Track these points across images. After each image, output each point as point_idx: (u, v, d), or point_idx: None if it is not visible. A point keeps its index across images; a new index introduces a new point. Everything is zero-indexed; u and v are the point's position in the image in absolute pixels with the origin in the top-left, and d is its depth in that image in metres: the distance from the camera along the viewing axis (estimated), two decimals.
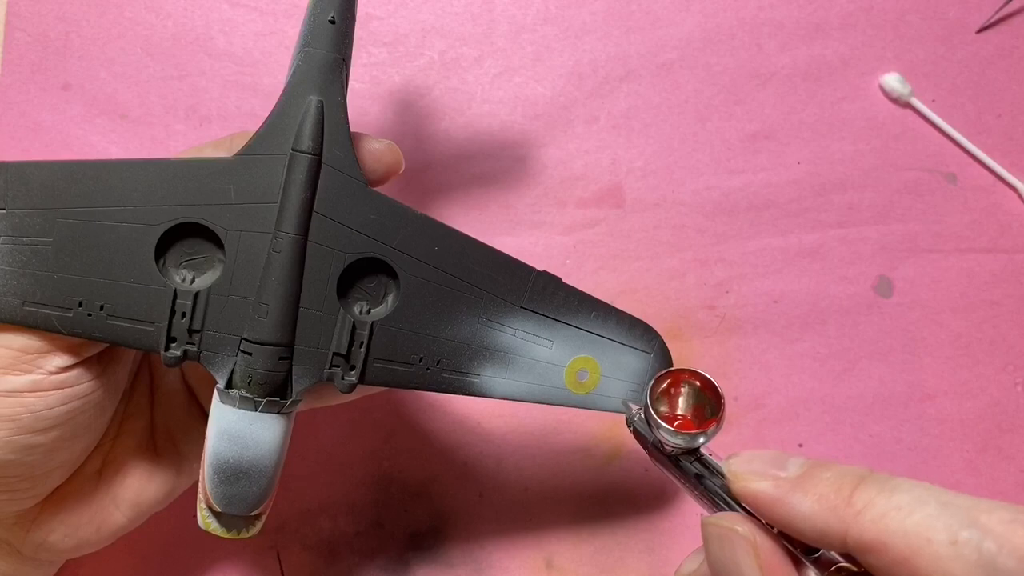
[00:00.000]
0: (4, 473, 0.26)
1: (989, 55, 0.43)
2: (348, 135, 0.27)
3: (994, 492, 0.40)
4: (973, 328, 0.41)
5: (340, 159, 0.26)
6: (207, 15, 0.41)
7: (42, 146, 0.39)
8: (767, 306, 0.41)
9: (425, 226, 0.27)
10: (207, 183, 0.25)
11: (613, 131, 0.42)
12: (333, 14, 0.27)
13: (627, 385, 0.31)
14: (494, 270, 0.28)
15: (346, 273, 0.27)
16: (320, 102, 0.26)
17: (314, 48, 0.27)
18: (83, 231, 0.25)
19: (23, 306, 0.25)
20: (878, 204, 0.42)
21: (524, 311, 0.29)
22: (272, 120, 0.26)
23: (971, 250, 0.42)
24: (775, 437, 0.40)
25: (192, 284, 0.26)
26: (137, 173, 0.25)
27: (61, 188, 0.25)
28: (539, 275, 0.29)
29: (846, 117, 0.42)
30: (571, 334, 0.30)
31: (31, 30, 0.40)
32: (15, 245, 0.24)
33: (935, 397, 0.41)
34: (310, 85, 0.26)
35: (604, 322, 0.30)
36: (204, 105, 0.40)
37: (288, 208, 0.25)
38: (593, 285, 0.40)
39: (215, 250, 0.26)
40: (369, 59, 0.41)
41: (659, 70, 0.42)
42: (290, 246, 0.25)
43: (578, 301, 0.30)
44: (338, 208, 0.26)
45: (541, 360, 0.29)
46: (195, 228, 0.26)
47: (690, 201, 0.41)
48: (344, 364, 0.27)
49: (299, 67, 0.27)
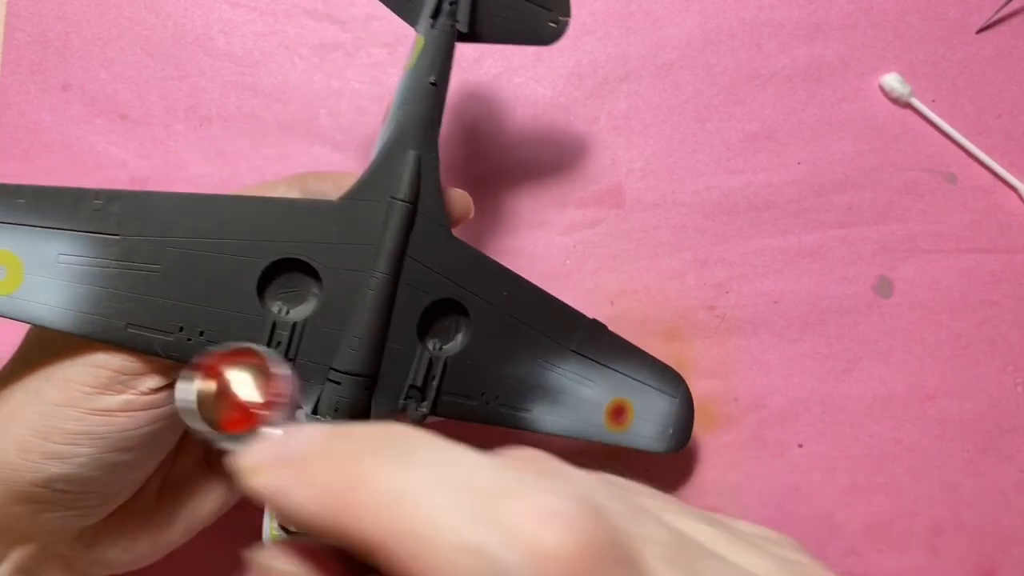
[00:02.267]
0: (85, 490, 0.27)
1: (989, 55, 0.43)
2: (439, 187, 0.29)
3: (994, 492, 0.40)
4: (973, 328, 0.41)
5: (431, 208, 0.28)
6: (207, 15, 0.41)
7: (41, 146, 0.39)
8: (767, 306, 0.41)
9: (497, 272, 0.30)
10: (312, 223, 0.27)
11: (613, 131, 0.42)
12: (434, 77, 0.29)
13: (656, 426, 0.34)
14: (552, 315, 0.31)
15: (426, 311, 0.29)
16: (418, 156, 0.28)
17: (414, 107, 0.29)
18: (191, 260, 0.26)
19: (127, 328, 0.26)
20: (878, 204, 0.42)
21: (574, 354, 0.32)
22: (374, 169, 0.28)
23: (971, 250, 0.42)
24: (775, 438, 0.40)
25: (287, 315, 0.27)
26: (246, 209, 0.27)
27: (173, 218, 0.26)
28: (590, 322, 0.32)
29: (846, 117, 0.42)
30: (611, 377, 0.33)
31: (31, 30, 0.40)
32: (125, 270, 0.26)
33: (935, 397, 0.41)
34: (409, 140, 0.29)
35: (640, 367, 0.34)
36: (204, 105, 0.40)
37: (384, 250, 0.27)
38: (593, 285, 0.40)
39: (311, 284, 0.28)
40: (369, 59, 0.41)
41: (659, 70, 0.42)
42: (383, 285, 0.27)
43: (620, 347, 0.33)
44: (426, 252, 0.28)
45: (585, 399, 0.32)
46: (295, 263, 0.27)
47: (690, 201, 0.41)
48: (418, 396, 0.29)
49: (400, 123, 0.29)
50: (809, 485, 0.40)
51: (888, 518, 0.40)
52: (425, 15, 0.31)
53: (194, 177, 0.39)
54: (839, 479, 0.40)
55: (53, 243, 0.25)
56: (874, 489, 0.40)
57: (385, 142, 0.29)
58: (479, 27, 0.32)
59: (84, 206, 0.25)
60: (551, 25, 0.34)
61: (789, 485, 0.40)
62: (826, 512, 0.39)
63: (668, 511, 0.17)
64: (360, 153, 0.40)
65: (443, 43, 0.30)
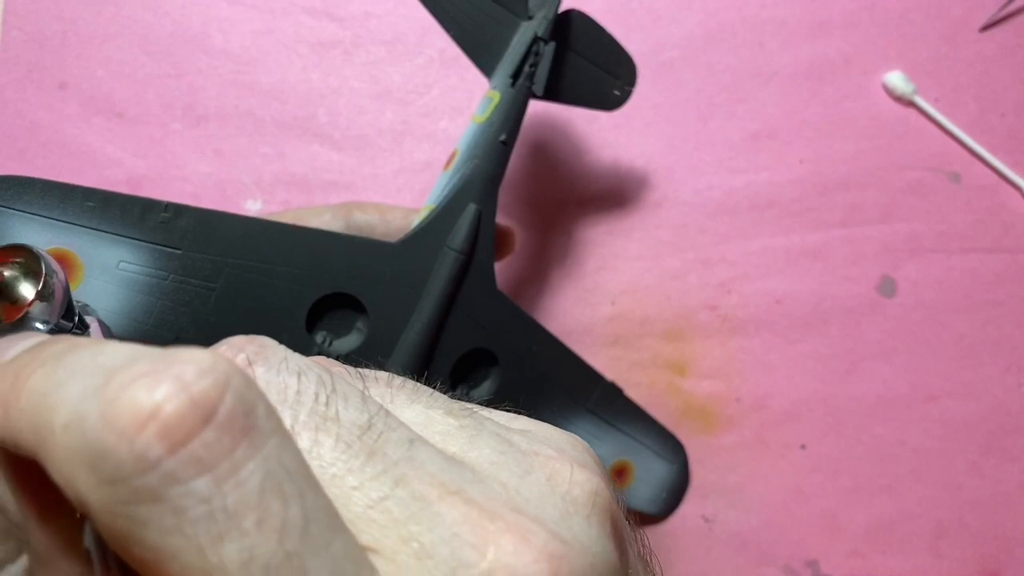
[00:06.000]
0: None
1: (992, 53, 0.43)
2: (493, 242, 0.30)
3: (998, 494, 0.40)
4: (977, 328, 0.41)
5: (482, 261, 0.29)
6: (205, 13, 0.40)
7: (38, 145, 0.39)
8: (769, 306, 0.40)
9: (530, 328, 0.31)
10: (368, 261, 0.28)
11: (614, 130, 0.41)
12: (505, 136, 0.30)
13: (652, 489, 0.36)
14: (574, 374, 0.32)
15: (460, 358, 0.29)
16: (479, 211, 0.29)
17: (482, 162, 0.30)
18: (247, 282, 0.26)
19: (175, 341, 0.25)
20: (881, 204, 0.42)
21: (589, 413, 0.33)
22: (435, 216, 0.29)
23: (975, 250, 0.42)
24: (777, 438, 0.40)
25: (331, 346, 0.28)
26: (306, 239, 0.27)
27: (235, 239, 0.26)
28: (607, 384, 0.33)
29: (849, 116, 0.42)
30: (619, 438, 0.34)
31: (27, 28, 0.40)
32: (182, 285, 0.26)
33: (938, 398, 0.40)
34: (473, 194, 0.29)
35: (647, 432, 0.35)
36: (201, 104, 0.40)
37: (431, 295, 0.28)
38: (594, 285, 0.40)
39: (356, 318, 0.28)
40: (368, 57, 0.41)
41: (660, 68, 0.42)
42: (426, 329, 0.28)
43: (631, 411, 0.34)
44: (471, 302, 0.29)
45: None
46: (345, 298, 0.28)
47: (692, 200, 0.41)
48: None
49: (466, 177, 0.29)
50: (811, 486, 0.39)
51: (891, 519, 0.39)
52: (504, 73, 0.31)
53: (191, 176, 0.39)
54: (842, 480, 0.39)
55: (116, 250, 0.25)
56: (877, 490, 0.39)
57: (449, 191, 0.29)
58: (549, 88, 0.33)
59: (151, 217, 0.25)
60: (615, 93, 0.35)
61: (791, 486, 0.39)
62: (829, 513, 0.39)
63: (409, 400, 0.16)
64: (358, 152, 0.40)
65: (518, 103, 0.31)
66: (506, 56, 0.32)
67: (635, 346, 0.40)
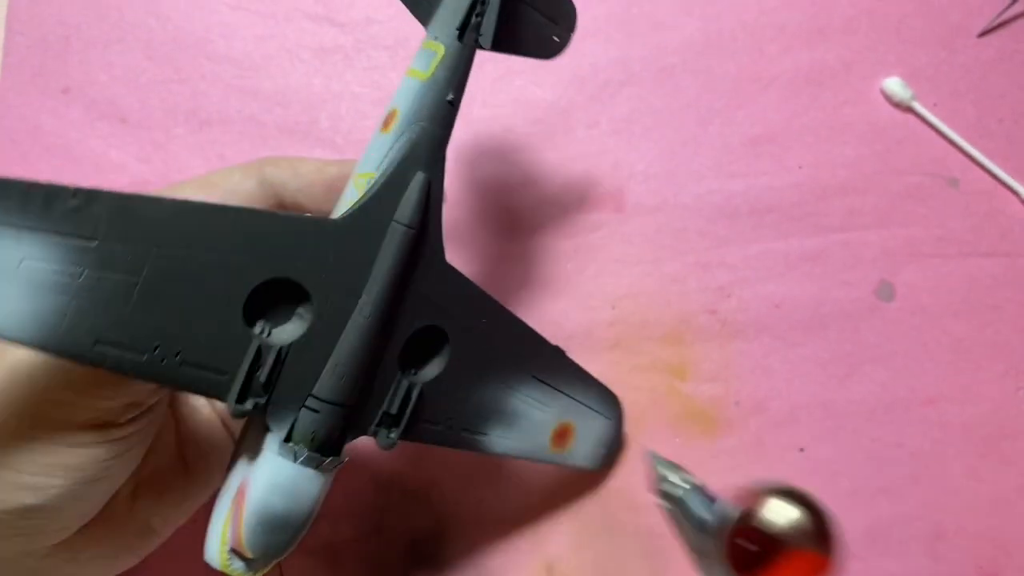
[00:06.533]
0: (56, 516, 0.25)
1: (991, 59, 0.43)
2: (441, 212, 0.27)
3: (996, 497, 0.40)
4: (975, 333, 0.41)
5: (432, 234, 0.27)
6: (207, 18, 0.40)
7: (42, 150, 0.39)
8: (768, 310, 0.41)
9: (481, 300, 0.29)
10: (308, 241, 0.25)
11: (614, 135, 0.41)
12: (453, 95, 0.28)
13: (592, 446, 0.35)
14: (522, 342, 0.31)
15: (410, 338, 0.27)
16: (428, 180, 0.27)
17: (428, 124, 0.27)
18: (175, 273, 0.23)
19: (94, 346, 0.23)
20: (880, 208, 0.42)
21: (534, 379, 0.32)
22: (379, 189, 0.26)
23: (973, 254, 0.42)
24: (776, 442, 0.40)
25: (270, 337, 0.25)
26: (240, 220, 0.24)
27: (160, 225, 0.23)
28: (551, 348, 0.32)
29: (848, 121, 0.42)
30: (562, 401, 0.33)
31: (31, 33, 0.40)
32: (99, 281, 0.22)
33: (937, 402, 0.41)
34: (420, 161, 0.27)
35: (587, 391, 0.34)
36: (204, 109, 0.40)
37: (379, 276, 0.26)
38: (594, 289, 0.40)
39: (296, 305, 0.26)
40: (370, 63, 0.41)
41: (660, 74, 0.42)
42: (375, 312, 0.26)
43: (573, 372, 0.33)
44: (421, 279, 0.27)
45: (536, 422, 0.32)
46: (285, 283, 0.25)
47: (691, 205, 0.41)
48: (389, 423, 0.28)
49: (412, 141, 0.27)
50: (810, 489, 0.40)
51: (889, 523, 0.40)
52: (447, 23, 0.29)
53: None
54: (840, 484, 0.40)
55: (16, 245, 0.21)
56: (875, 493, 0.40)
57: (393, 159, 0.27)
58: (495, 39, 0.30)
59: (58, 204, 0.22)
60: (555, 40, 0.33)
61: None
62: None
63: None
64: (360, 156, 0.40)
65: (466, 58, 0.29)
66: (447, 2, 0.29)
67: (635, 350, 0.40)
